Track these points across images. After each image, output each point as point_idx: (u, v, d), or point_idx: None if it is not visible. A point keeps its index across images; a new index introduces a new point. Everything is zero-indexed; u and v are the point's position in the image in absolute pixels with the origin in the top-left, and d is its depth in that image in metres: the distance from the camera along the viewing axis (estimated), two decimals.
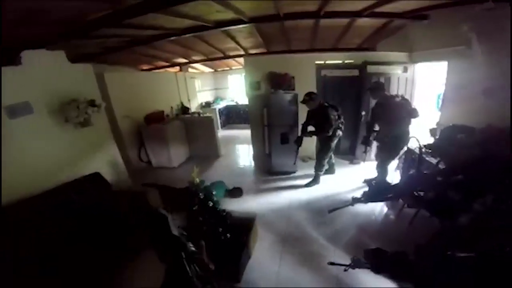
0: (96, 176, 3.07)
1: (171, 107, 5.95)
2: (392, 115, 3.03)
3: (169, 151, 4.88)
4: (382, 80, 4.27)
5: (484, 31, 2.05)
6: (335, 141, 3.71)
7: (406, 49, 4.19)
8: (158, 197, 3.25)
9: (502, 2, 1.82)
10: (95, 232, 2.34)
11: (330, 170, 4.19)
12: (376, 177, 3.63)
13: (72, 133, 2.97)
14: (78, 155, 3.08)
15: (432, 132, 2.92)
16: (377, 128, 3.52)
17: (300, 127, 4.03)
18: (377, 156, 3.64)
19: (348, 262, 1.80)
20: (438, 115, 3.71)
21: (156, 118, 4.90)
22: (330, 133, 3.50)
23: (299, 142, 3.83)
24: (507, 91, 1.91)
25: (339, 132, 3.65)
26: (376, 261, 1.60)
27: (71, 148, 3.00)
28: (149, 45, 4.09)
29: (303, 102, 3.61)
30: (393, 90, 4.31)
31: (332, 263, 1.78)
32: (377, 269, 1.58)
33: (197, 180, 2.36)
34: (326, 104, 3.54)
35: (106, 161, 3.54)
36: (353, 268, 1.72)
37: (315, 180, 3.94)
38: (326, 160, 3.87)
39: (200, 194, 2.30)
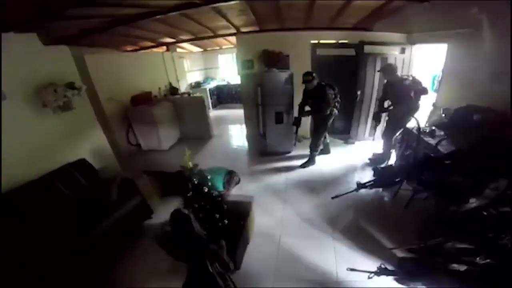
0: (82, 163, 2.92)
1: (159, 88, 5.68)
2: (404, 93, 3.18)
3: (159, 133, 4.70)
4: (379, 60, 4.19)
5: (497, 13, 1.95)
6: (331, 121, 3.66)
7: (404, 30, 4.05)
8: (149, 184, 3.17)
9: None
10: (84, 225, 2.23)
11: (325, 150, 4.16)
12: (381, 153, 3.76)
13: (52, 118, 2.78)
14: (61, 142, 2.90)
15: (446, 111, 2.88)
16: (386, 105, 3.61)
17: (295, 106, 3.95)
18: (384, 133, 3.72)
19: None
20: (434, 96, 3.68)
21: (143, 100, 4.67)
22: (328, 112, 3.47)
23: (297, 123, 3.79)
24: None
25: (335, 111, 3.61)
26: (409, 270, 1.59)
27: (52, 134, 2.81)
28: (132, 25, 3.76)
29: (305, 82, 3.51)
30: None
31: (353, 269, 1.78)
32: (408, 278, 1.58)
33: (190, 164, 2.26)
34: (323, 83, 3.47)
35: (91, 146, 3.37)
36: (378, 276, 1.71)
37: (310, 160, 3.91)
38: (322, 140, 3.83)
39: (194, 179, 2.20)
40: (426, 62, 4.36)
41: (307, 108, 3.73)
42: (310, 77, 3.47)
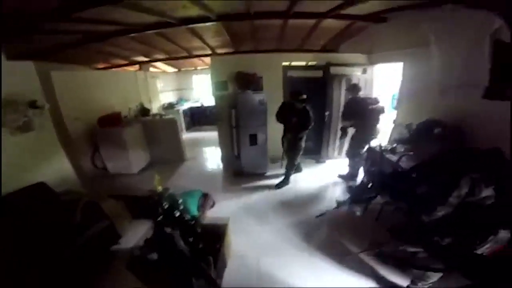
0: (41, 186, 2.64)
1: (129, 109, 5.48)
2: (364, 112, 3.46)
3: (128, 156, 4.46)
4: (344, 81, 4.49)
5: (442, 32, 2.20)
6: (304, 140, 3.76)
7: (366, 51, 4.41)
8: (115, 207, 2.95)
9: (459, 4, 1.98)
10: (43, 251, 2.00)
11: (297, 169, 4.24)
12: (348, 172, 3.96)
13: (9, 140, 2.52)
14: (17, 165, 2.62)
15: (408, 127, 3.11)
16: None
17: (269, 128, 4.06)
18: (348, 151, 3.95)
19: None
20: (394, 114, 3.96)
21: (111, 121, 4.44)
22: (308, 129, 3.60)
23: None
24: (462, 90, 2.10)
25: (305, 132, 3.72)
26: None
27: (8, 157, 2.52)
28: (106, 42, 3.69)
29: (293, 99, 3.55)
30: None
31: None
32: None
33: (160, 188, 2.16)
34: (304, 104, 3.59)
35: (52, 170, 3.09)
36: None
37: (286, 181, 3.94)
38: (297, 160, 3.89)
39: (165, 203, 2.09)
40: (386, 82, 4.72)
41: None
42: (299, 97, 3.51)
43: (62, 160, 3.32)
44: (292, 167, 3.89)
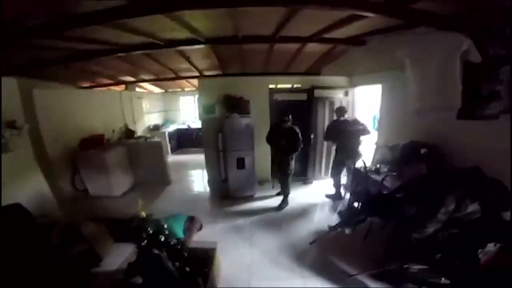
0: (16, 208, 2.50)
1: (113, 131, 5.34)
2: (342, 132, 3.64)
3: (110, 179, 4.28)
4: (327, 103, 4.66)
5: (416, 55, 2.35)
6: (294, 161, 3.77)
7: (347, 73, 4.64)
8: (95, 230, 2.80)
9: (432, 28, 2.15)
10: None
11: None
12: (334, 192, 4.03)
13: None
14: None
15: (392, 149, 3.20)
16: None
17: (256, 151, 4.09)
18: (331, 172, 4.07)
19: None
20: (376, 135, 4.11)
21: (93, 144, 4.31)
22: (298, 150, 3.63)
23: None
24: (438, 111, 2.22)
25: (294, 154, 3.73)
26: None
27: None
28: (92, 61, 3.68)
29: (283, 122, 3.62)
30: None
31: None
32: None
33: (143, 214, 2.07)
34: (292, 125, 3.65)
35: (29, 192, 2.97)
36: None
37: (285, 202, 3.89)
38: (289, 181, 3.87)
39: (149, 228, 1.99)
40: (367, 104, 4.93)
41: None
42: (287, 118, 3.61)
43: (40, 182, 3.20)
44: (287, 188, 3.87)
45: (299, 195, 4.27)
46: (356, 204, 2.90)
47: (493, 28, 1.80)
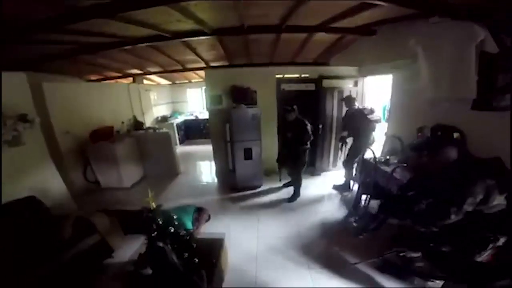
0: (31, 200, 2.59)
1: (122, 122, 5.42)
2: (360, 122, 3.61)
3: (120, 171, 4.37)
4: (336, 93, 4.58)
5: (429, 45, 2.27)
6: (306, 154, 3.72)
7: (356, 63, 4.51)
8: (107, 221, 2.89)
9: (446, 17, 2.06)
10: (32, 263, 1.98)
11: (289, 184, 4.19)
12: (343, 183, 4.05)
13: None
14: (6, 179, 2.54)
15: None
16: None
17: (263, 142, 4.10)
18: (345, 161, 4.05)
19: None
20: (385, 126, 4.04)
21: (103, 135, 4.38)
22: (308, 144, 3.58)
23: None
24: (451, 102, 2.16)
25: (307, 146, 3.66)
26: None
27: None
28: (99, 54, 3.70)
29: (285, 111, 3.61)
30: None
31: None
32: None
33: (154, 205, 2.12)
34: (299, 117, 3.59)
35: (43, 184, 3.04)
36: None
37: (296, 193, 3.89)
38: (301, 173, 3.85)
39: (159, 219, 2.04)
40: (377, 94, 4.84)
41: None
42: (290, 108, 3.57)
43: (53, 175, 3.28)
44: (299, 181, 3.84)
45: (307, 187, 4.26)
46: (369, 203, 2.90)
47: (509, 18, 1.71)
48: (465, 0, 1.89)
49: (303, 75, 4.73)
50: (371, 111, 3.69)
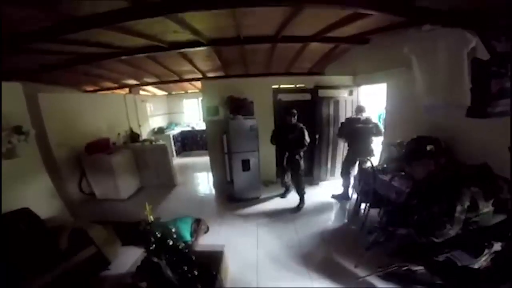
0: (25, 212, 2.54)
1: (119, 134, 5.38)
2: (354, 130, 3.64)
3: (116, 183, 4.30)
4: (332, 103, 4.62)
5: (422, 53, 2.30)
6: (303, 160, 3.78)
7: (351, 72, 4.59)
8: (103, 233, 2.83)
9: (438, 25, 2.11)
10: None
11: (291, 190, 4.21)
12: (342, 192, 4.03)
13: None
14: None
15: (398, 145, 3.14)
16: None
17: (261, 153, 4.10)
18: (341, 171, 4.06)
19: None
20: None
21: (99, 147, 4.33)
22: (305, 148, 3.65)
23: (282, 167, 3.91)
24: (446, 109, 2.19)
25: (302, 151, 3.76)
26: None
27: None
28: (95, 64, 3.71)
29: (288, 114, 3.67)
30: (342, 113, 4.69)
31: None
32: None
33: (151, 218, 2.07)
34: (298, 123, 3.68)
35: (38, 196, 2.99)
36: None
37: (302, 201, 3.87)
38: (302, 180, 3.85)
39: (157, 232, 1.99)
40: (372, 102, 4.86)
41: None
42: (295, 111, 3.69)
43: (48, 187, 3.22)
44: (302, 188, 3.84)
45: (306, 196, 4.24)
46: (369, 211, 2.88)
47: (499, 24, 1.76)
48: (455, 7, 1.95)
49: (298, 85, 4.79)
50: (367, 121, 3.70)
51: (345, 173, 3.93)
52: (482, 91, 1.88)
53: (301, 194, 3.88)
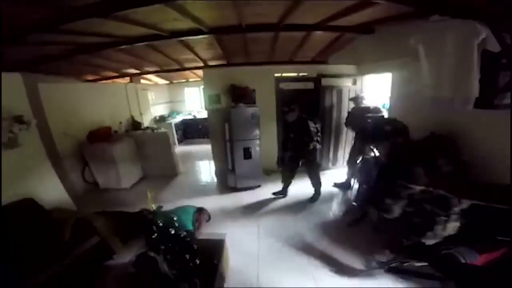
0: (29, 202, 2.59)
1: (120, 122, 5.38)
2: (363, 120, 3.51)
3: (119, 172, 4.33)
4: (335, 92, 4.57)
5: (430, 43, 2.24)
6: (317, 155, 3.62)
7: (355, 62, 4.49)
8: (106, 223, 2.87)
9: (447, 16, 2.04)
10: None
11: (284, 193, 4.02)
12: (344, 181, 4.05)
13: None
14: (3, 182, 2.48)
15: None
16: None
17: (263, 141, 4.07)
18: (348, 160, 4.08)
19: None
20: None
21: (101, 136, 4.33)
22: (311, 146, 3.38)
23: (282, 163, 3.74)
24: (453, 100, 2.14)
25: (318, 145, 3.52)
26: None
27: None
28: (95, 54, 3.65)
29: (283, 114, 3.54)
30: (345, 102, 4.64)
31: None
32: None
33: (153, 206, 2.10)
34: (304, 116, 3.45)
35: (41, 186, 3.00)
36: None
37: (318, 193, 3.80)
38: (319, 174, 3.78)
39: (159, 221, 2.02)
40: (376, 92, 4.80)
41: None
42: (286, 109, 3.47)
43: (51, 176, 3.25)
44: (318, 182, 3.73)
45: (308, 185, 4.26)
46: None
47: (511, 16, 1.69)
48: None
49: (301, 74, 4.71)
50: (376, 110, 3.67)
51: (352, 162, 3.90)
52: (491, 82, 1.84)
53: (316, 187, 3.77)
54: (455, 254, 1.59)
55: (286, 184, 3.89)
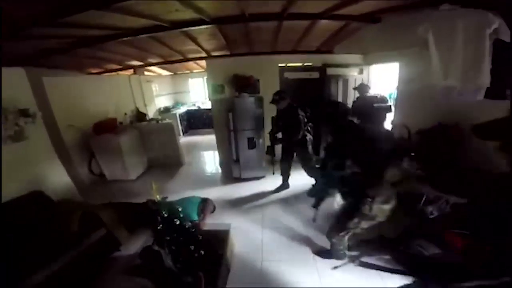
0: (37, 195, 2.60)
1: (125, 114, 5.42)
2: (369, 109, 3.57)
3: (125, 163, 4.39)
4: (341, 82, 4.49)
5: (440, 32, 2.17)
6: (310, 146, 3.44)
7: (361, 51, 4.40)
8: (113, 215, 2.92)
9: (457, 5, 1.97)
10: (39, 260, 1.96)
11: (285, 186, 3.95)
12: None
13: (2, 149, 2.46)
14: (12, 175, 2.55)
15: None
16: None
17: (266, 131, 3.93)
18: None
19: None
20: (392, 114, 3.96)
21: (107, 127, 4.37)
22: (299, 137, 3.22)
23: (271, 151, 3.62)
24: (463, 90, 2.09)
25: (309, 136, 3.38)
26: None
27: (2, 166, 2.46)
28: (98, 47, 3.64)
29: (272, 102, 3.33)
30: (351, 92, 4.56)
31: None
32: None
33: (158, 197, 2.13)
34: (294, 105, 3.28)
35: (48, 179, 3.07)
36: None
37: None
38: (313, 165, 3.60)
39: (164, 212, 2.06)
40: (383, 82, 4.73)
41: (279, 135, 3.56)
42: (276, 96, 3.29)
43: (58, 168, 3.30)
44: (313, 174, 3.59)
45: (308, 177, 4.27)
46: None
47: None
48: None
49: (306, 64, 4.63)
50: (382, 99, 3.63)
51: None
52: (503, 73, 1.79)
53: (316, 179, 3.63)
54: (418, 247, 1.62)
55: (285, 176, 3.84)
